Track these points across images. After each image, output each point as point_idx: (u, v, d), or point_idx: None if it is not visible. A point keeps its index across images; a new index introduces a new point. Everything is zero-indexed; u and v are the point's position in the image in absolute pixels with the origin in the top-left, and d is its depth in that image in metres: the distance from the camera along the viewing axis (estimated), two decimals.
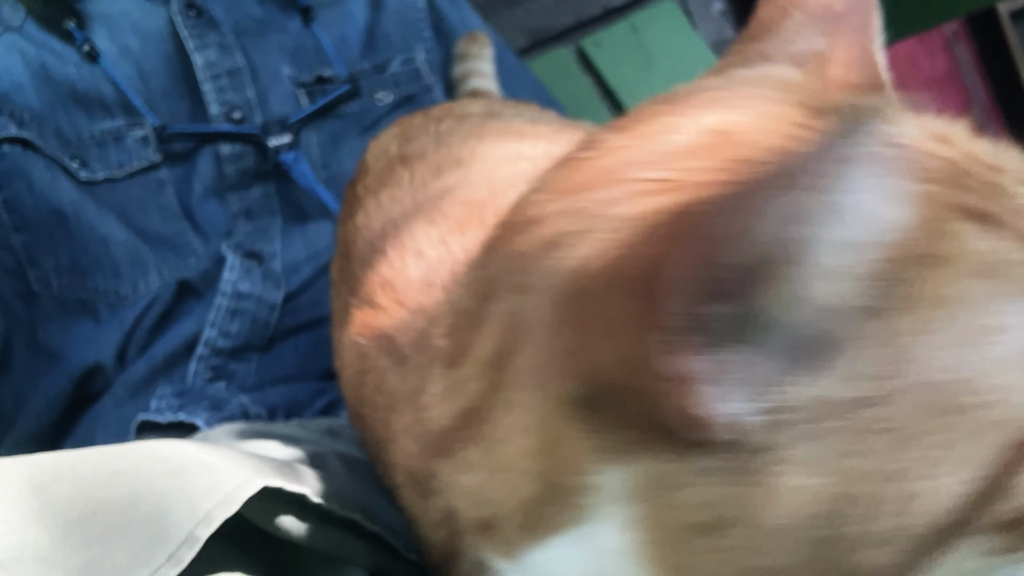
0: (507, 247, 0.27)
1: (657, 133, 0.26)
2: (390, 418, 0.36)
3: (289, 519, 0.32)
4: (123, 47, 0.74)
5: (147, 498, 0.29)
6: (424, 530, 0.34)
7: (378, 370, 0.38)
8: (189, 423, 0.58)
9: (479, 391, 0.27)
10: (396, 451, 0.35)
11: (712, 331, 0.21)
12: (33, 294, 0.70)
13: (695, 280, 0.20)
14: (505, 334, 0.26)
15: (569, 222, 0.24)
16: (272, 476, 0.32)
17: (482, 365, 0.27)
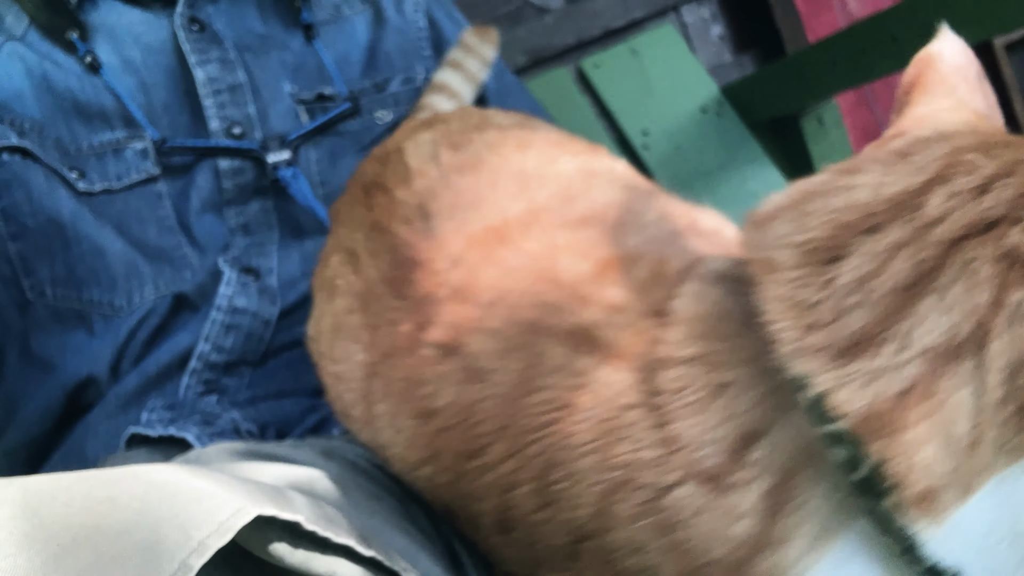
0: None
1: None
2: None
3: (283, 546, 0.32)
4: (125, 59, 0.74)
5: (141, 525, 0.29)
6: (710, 525, 0.34)
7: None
8: (179, 438, 0.58)
9: (920, 374, 0.32)
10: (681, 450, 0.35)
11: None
12: (28, 303, 0.69)
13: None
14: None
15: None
16: (266, 503, 0.31)
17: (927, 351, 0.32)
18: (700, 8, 1.68)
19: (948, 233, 0.33)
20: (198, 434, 0.57)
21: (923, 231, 0.33)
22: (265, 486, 0.35)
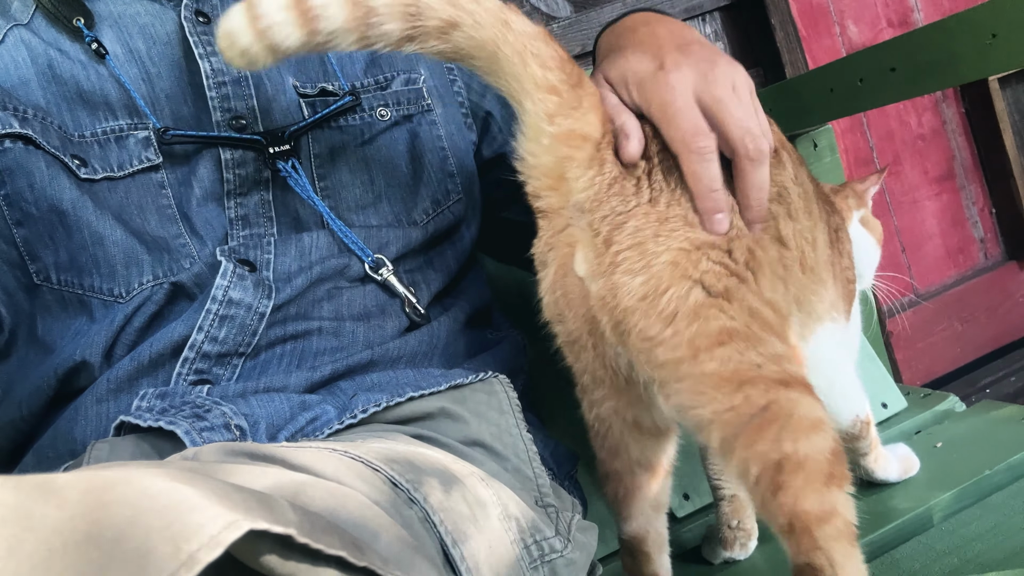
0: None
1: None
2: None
3: (274, 558, 0.33)
4: (130, 49, 0.74)
5: (132, 535, 0.29)
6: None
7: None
8: (169, 430, 0.58)
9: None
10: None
11: None
12: (35, 287, 0.70)
13: None
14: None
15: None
16: (258, 517, 0.31)
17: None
18: (704, 25, 1.69)
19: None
20: (187, 429, 0.57)
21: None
22: (258, 495, 0.35)
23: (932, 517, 0.83)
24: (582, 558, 0.63)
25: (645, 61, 0.63)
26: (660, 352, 0.55)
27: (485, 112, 0.92)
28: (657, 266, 0.55)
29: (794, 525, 0.52)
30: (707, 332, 0.54)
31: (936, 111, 1.92)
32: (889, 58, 0.89)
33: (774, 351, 0.54)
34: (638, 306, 0.55)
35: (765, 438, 0.52)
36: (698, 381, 0.54)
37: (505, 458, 0.64)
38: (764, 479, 0.52)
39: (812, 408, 0.54)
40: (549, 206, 0.63)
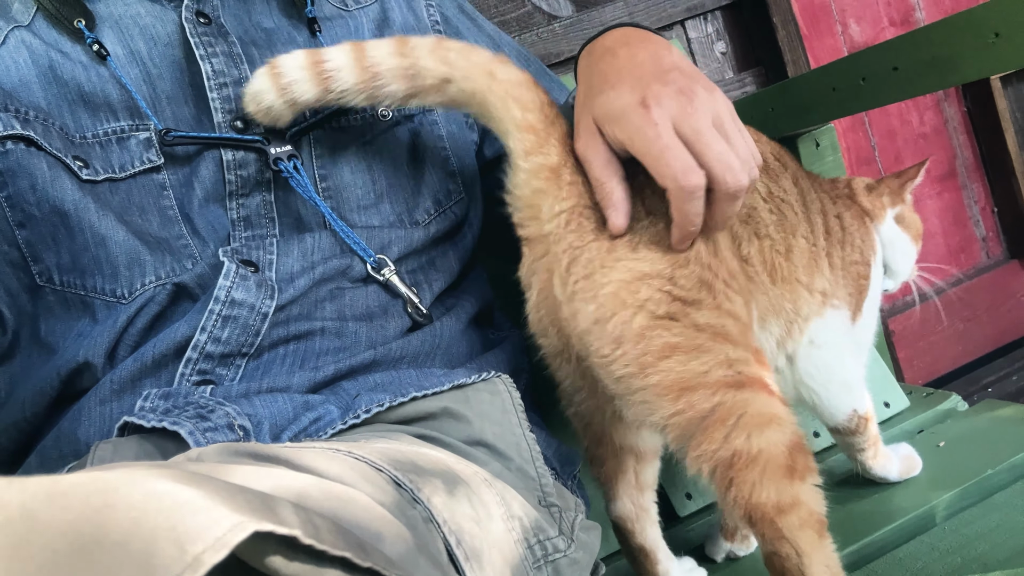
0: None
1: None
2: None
3: (279, 559, 0.33)
4: (131, 50, 0.74)
5: (137, 536, 0.29)
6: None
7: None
8: (173, 431, 0.58)
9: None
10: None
11: None
12: (38, 288, 0.70)
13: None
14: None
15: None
16: (263, 518, 0.31)
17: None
18: (705, 24, 1.69)
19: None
20: (191, 429, 0.57)
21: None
22: (263, 496, 0.35)
23: (935, 516, 0.83)
24: (585, 558, 0.63)
25: (625, 95, 0.63)
26: (614, 368, 0.61)
27: None
28: (602, 296, 0.61)
29: (752, 516, 0.56)
30: (651, 350, 0.59)
31: (938, 110, 1.92)
32: (891, 57, 0.89)
33: (725, 357, 0.59)
34: (592, 329, 0.62)
35: (714, 437, 0.56)
36: (647, 392, 0.59)
37: (508, 458, 0.64)
38: (717, 475, 0.57)
39: (766, 405, 0.57)
40: (530, 235, 0.69)
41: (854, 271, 0.83)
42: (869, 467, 0.88)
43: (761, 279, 0.70)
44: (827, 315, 0.78)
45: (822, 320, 0.77)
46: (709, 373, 0.58)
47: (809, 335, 0.77)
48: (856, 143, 1.85)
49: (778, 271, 0.72)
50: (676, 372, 0.58)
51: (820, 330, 0.77)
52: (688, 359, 0.58)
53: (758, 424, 0.57)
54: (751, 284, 0.68)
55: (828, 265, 0.78)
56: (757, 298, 0.69)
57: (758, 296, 0.70)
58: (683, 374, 0.58)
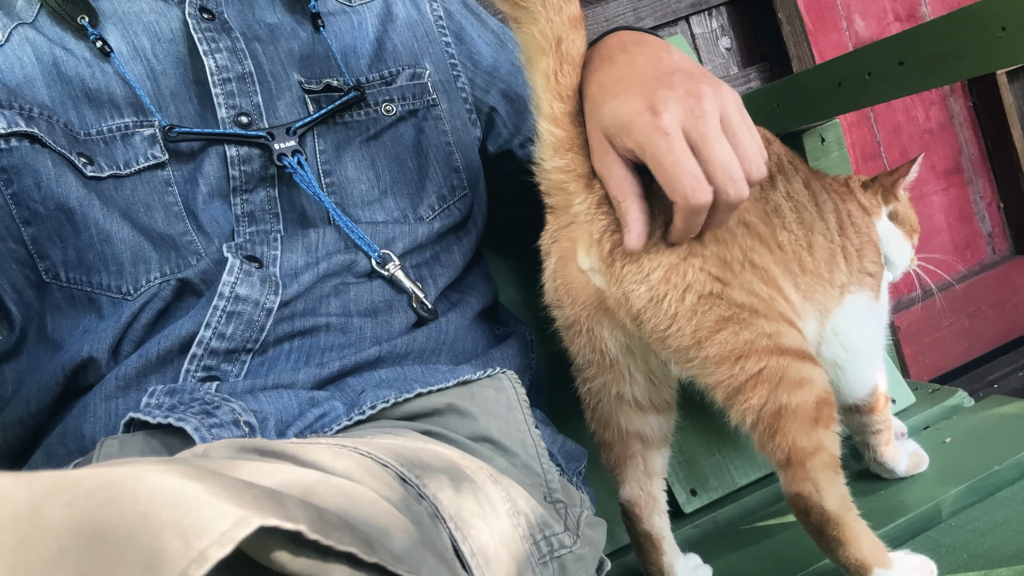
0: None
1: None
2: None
3: (284, 555, 0.32)
4: (135, 46, 0.74)
5: (142, 531, 0.29)
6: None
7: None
8: (178, 427, 0.58)
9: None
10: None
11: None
12: (45, 285, 0.70)
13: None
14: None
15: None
16: (269, 513, 0.31)
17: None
18: (710, 19, 1.69)
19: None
20: (197, 426, 0.57)
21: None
22: (268, 492, 0.35)
23: (941, 513, 0.83)
24: (591, 554, 0.63)
25: (630, 102, 0.62)
26: (671, 341, 0.67)
27: (489, 108, 0.92)
28: (654, 278, 0.66)
29: (790, 459, 0.65)
30: (704, 324, 0.66)
31: (944, 105, 1.91)
32: (898, 52, 0.88)
33: (762, 330, 0.66)
34: (647, 307, 0.66)
35: (761, 394, 0.65)
36: (704, 361, 0.66)
37: (513, 454, 0.64)
38: (761, 425, 0.66)
39: (800, 370, 0.66)
40: (556, 204, 0.71)
41: (869, 252, 0.85)
42: (880, 453, 0.88)
43: (792, 267, 0.73)
44: (846, 302, 0.80)
45: (842, 309, 0.80)
46: (754, 342, 0.66)
47: (832, 325, 0.80)
48: (862, 138, 1.84)
49: (805, 264, 0.75)
50: (730, 343, 0.65)
51: (842, 317, 0.80)
52: (739, 330, 0.66)
53: (795, 384, 0.65)
54: (779, 265, 0.71)
55: (844, 259, 0.80)
56: (795, 279, 0.73)
57: (795, 278, 0.73)
58: (735, 344, 0.65)
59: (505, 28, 0.97)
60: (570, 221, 0.69)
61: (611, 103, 0.63)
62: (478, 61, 0.91)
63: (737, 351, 0.65)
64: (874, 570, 0.66)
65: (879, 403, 0.86)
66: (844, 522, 0.66)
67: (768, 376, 0.65)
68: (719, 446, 1.03)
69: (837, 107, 1.03)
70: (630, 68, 0.65)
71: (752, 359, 0.65)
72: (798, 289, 0.73)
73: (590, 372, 0.76)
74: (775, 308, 0.68)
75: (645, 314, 0.66)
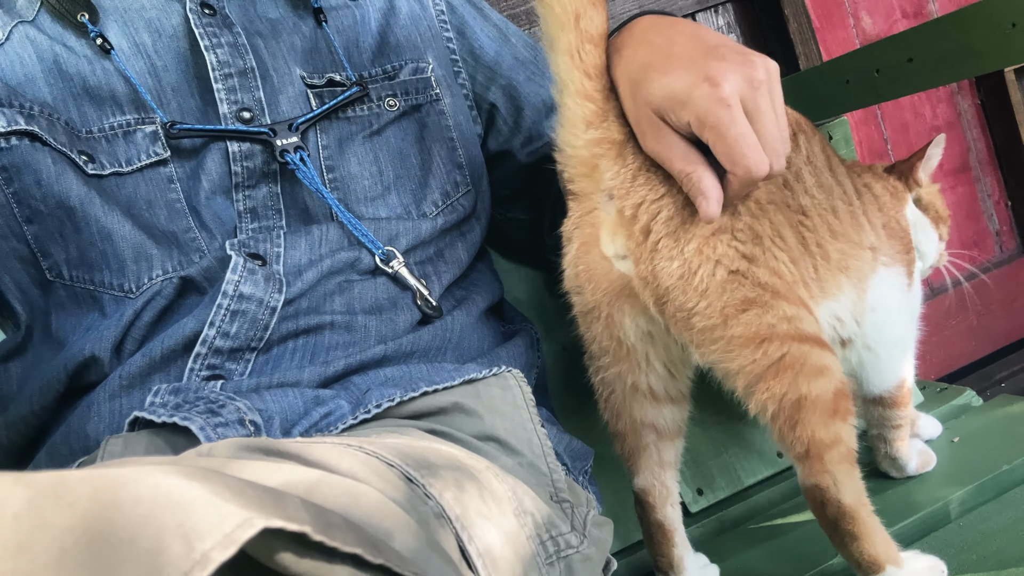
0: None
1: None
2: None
3: (289, 556, 0.32)
4: (135, 43, 0.74)
5: (145, 533, 0.29)
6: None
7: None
8: (184, 426, 0.58)
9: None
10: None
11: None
12: (48, 283, 0.70)
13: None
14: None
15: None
16: (273, 514, 0.31)
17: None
18: (716, 16, 1.68)
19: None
20: (202, 425, 0.56)
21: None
22: (272, 492, 0.34)
23: (950, 513, 0.82)
24: (597, 554, 0.63)
25: (685, 77, 0.61)
26: (696, 320, 0.66)
27: (490, 104, 0.92)
28: (688, 252, 0.65)
29: (809, 451, 0.64)
30: (732, 302, 0.65)
31: (951, 103, 1.91)
32: (907, 49, 0.88)
33: (784, 313, 0.65)
34: (676, 284, 0.65)
35: (782, 382, 0.64)
36: (728, 342, 0.65)
37: (519, 453, 0.63)
38: (781, 415, 0.65)
39: (820, 357, 0.65)
40: (580, 190, 0.70)
41: (897, 231, 0.83)
42: (896, 448, 0.87)
43: (822, 233, 0.72)
44: (881, 272, 0.78)
45: (877, 278, 0.78)
46: (777, 326, 0.65)
47: (870, 300, 0.77)
48: (869, 136, 1.84)
49: (835, 228, 0.73)
50: (755, 325, 0.64)
51: (877, 291, 0.78)
52: (763, 312, 0.65)
53: (815, 373, 0.64)
54: (804, 241, 0.70)
55: (868, 222, 0.78)
56: (824, 251, 0.72)
57: (824, 250, 0.72)
58: (760, 327, 0.64)
59: (508, 22, 0.97)
60: (593, 207, 0.69)
61: (661, 80, 0.62)
62: (479, 56, 0.91)
63: (761, 334, 0.64)
64: (887, 568, 0.66)
65: (904, 398, 0.84)
66: (859, 517, 0.65)
67: (790, 363, 0.64)
68: (726, 446, 1.03)
69: (845, 104, 1.03)
70: (673, 46, 0.64)
71: (775, 344, 0.64)
72: (829, 262, 0.71)
73: (605, 360, 0.75)
74: (795, 292, 0.67)
75: (673, 292, 0.65)
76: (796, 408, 0.64)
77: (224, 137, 0.73)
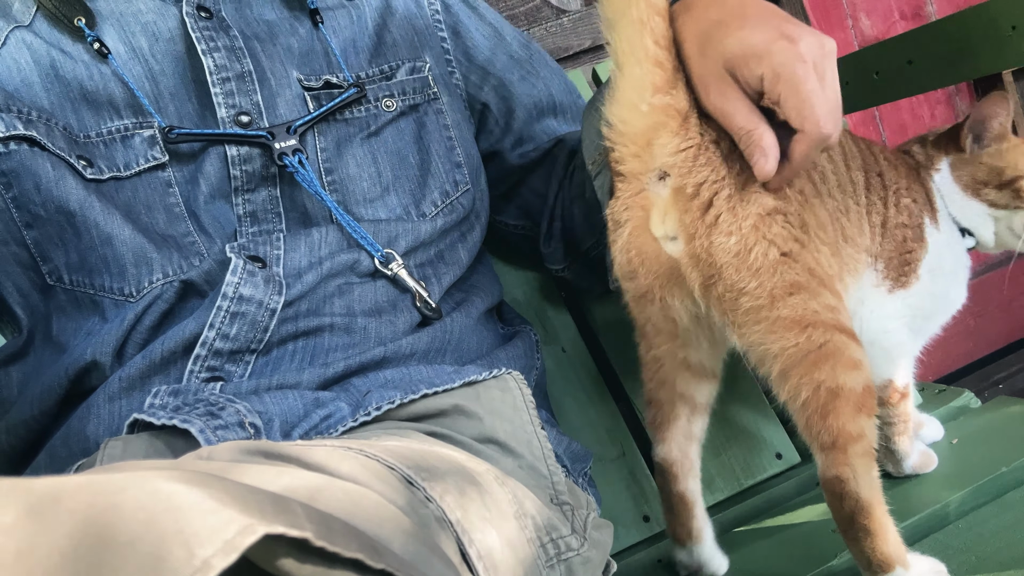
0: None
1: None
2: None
3: (290, 562, 0.32)
4: (132, 47, 0.74)
5: (145, 538, 0.28)
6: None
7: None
8: (183, 429, 0.57)
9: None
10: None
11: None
12: (49, 287, 0.69)
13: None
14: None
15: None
16: (274, 519, 0.31)
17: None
18: None
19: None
20: (202, 427, 0.56)
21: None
22: (274, 497, 0.34)
23: (948, 514, 0.82)
24: (598, 556, 0.63)
25: (760, 32, 0.61)
26: (744, 300, 0.66)
27: (482, 104, 0.92)
28: (745, 228, 0.65)
29: (836, 442, 0.65)
30: (782, 284, 0.65)
31: (949, 104, 1.91)
32: (906, 51, 0.88)
33: (827, 302, 0.66)
34: (731, 262, 0.66)
35: (822, 369, 0.65)
36: (773, 323, 0.66)
37: (519, 455, 0.63)
38: (813, 403, 0.65)
39: (855, 351, 0.66)
40: (630, 171, 0.70)
41: (899, 234, 0.82)
42: (894, 441, 0.87)
43: (837, 237, 0.74)
44: (866, 275, 0.78)
45: (863, 278, 0.78)
46: (821, 314, 0.65)
47: (859, 294, 0.78)
48: (867, 137, 1.84)
49: (846, 231, 0.75)
50: (801, 308, 0.65)
51: (863, 289, 0.78)
52: (809, 298, 0.65)
53: (851, 366, 0.65)
54: (830, 239, 0.72)
55: (869, 224, 0.79)
56: (833, 250, 0.73)
57: (835, 249, 0.73)
58: (806, 311, 0.65)
59: (503, 21, 0.97)
60: (642, 188, 0.69)
61: (738, 34, 0.62)
62: (473, 56, 0.91)
63: (806, 319, 0.65)
64: (897, 568, 0.66)
65: (892, 397, 0.85)
66: (875, 514, 0.66)
67: (831, 351, 0.65)
68: (726, 446, 1.03)
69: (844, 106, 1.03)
70: (746, 7, 0.64)
71: (819, 330, 0.65)
72: (844, 264, 0.73)
73: (659, 340, 0.77)
74: (835, 285, 0.68)
75: (726, 270, 0.66)
76: (832, 397, 0.65)
77: (222, 141, 0.72)
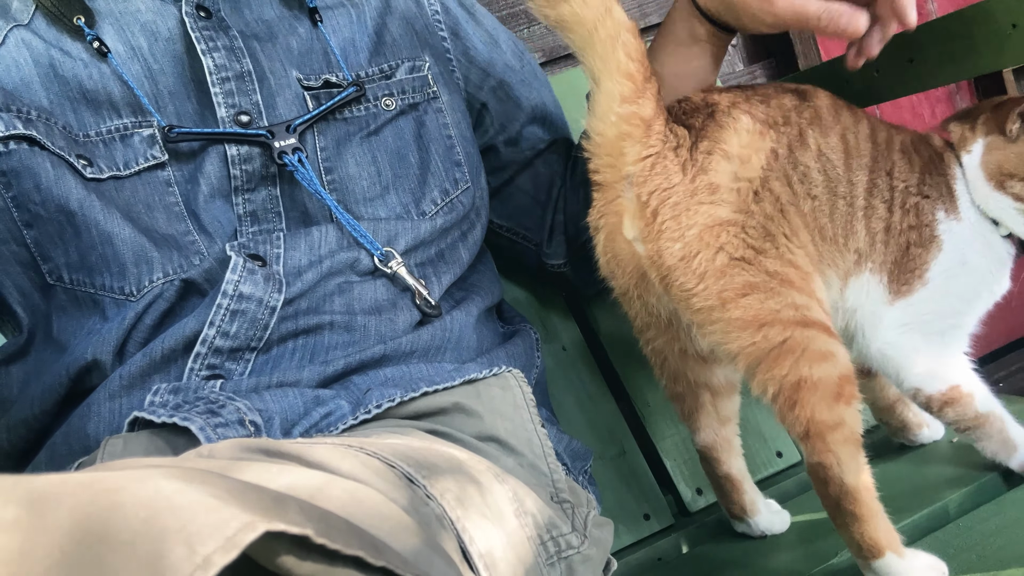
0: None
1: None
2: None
3: (291, 559, 0.32)
4: (132, 46, 0.74)
5: (146, 536, 0.28)
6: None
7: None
8: (183, 427, 0.57)
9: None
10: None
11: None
12: (49, 287, 0.69)
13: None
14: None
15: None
16: (275, 517, 0.31)
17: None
18: None
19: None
20: (202, 425, 0.56)
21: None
22: (274, 495, 0.34)
23: (949, 513, 0.82)
24: (598, 554, 0.63)
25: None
26: (695, 301, 0.69)
27: (481, 104, 0.92)
28: (689, 236, 0.68)
29: (809, 431, 0.67)
30: (732, 287, 0.68)
31: (950, 102, 1.91)
32: (907, 49, 0.88)
33: (791, 301, 0.68)
34: (678, 265, 0.69)
35: (783, 365, 0.67)
36: (727, 324, 0.68)
37: (520, 453, 0.63)
38: (781, 396, 0.67)
39: (825, 344, 0.68)
40: (604, 180, 0.74)
41: (903, 240, 0.78)
42: (981, 449, 0.83)
43: (815, 236, 0.75)
44: (864, 277, 0.76)
45: (860, 281, 0.76)
46: (780, 312, 0.67)
47: (850, 302, 0.77)
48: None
49: (826, 231, 0.76)
50: (755, 309, 0.67)
51: (857, 295, 0.76)
52: (765, 298, 0.67)
53: (818, 358, 0.67)
54: (812, 240, 0.74)
55: (867, 230, 0.76)
56: (810, 252, 0.75)
57: (816, 250, 0.75)
58: (760, 311, 0.67)
59: (499, 26, 0.97)
60: (617, 195, 0.72)
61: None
62: (473, 57, 0.91)
63: (762, 318, 0.67)
64: (887, 553, 0.66)
65: (933, 405, 0.80)
66: (862, 499, 0.67)
67: (792, 347, 0.67)
68: None
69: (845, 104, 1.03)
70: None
71: (776, 328, 0.67)
72: (821, 260, 0.75)
73: (651, 333, 0.80)
74: (810, 285, 0.70)
75: (674, 272, 0.69)
76: (795, 389, 0.66)
77: (222, 140, 0.72)
